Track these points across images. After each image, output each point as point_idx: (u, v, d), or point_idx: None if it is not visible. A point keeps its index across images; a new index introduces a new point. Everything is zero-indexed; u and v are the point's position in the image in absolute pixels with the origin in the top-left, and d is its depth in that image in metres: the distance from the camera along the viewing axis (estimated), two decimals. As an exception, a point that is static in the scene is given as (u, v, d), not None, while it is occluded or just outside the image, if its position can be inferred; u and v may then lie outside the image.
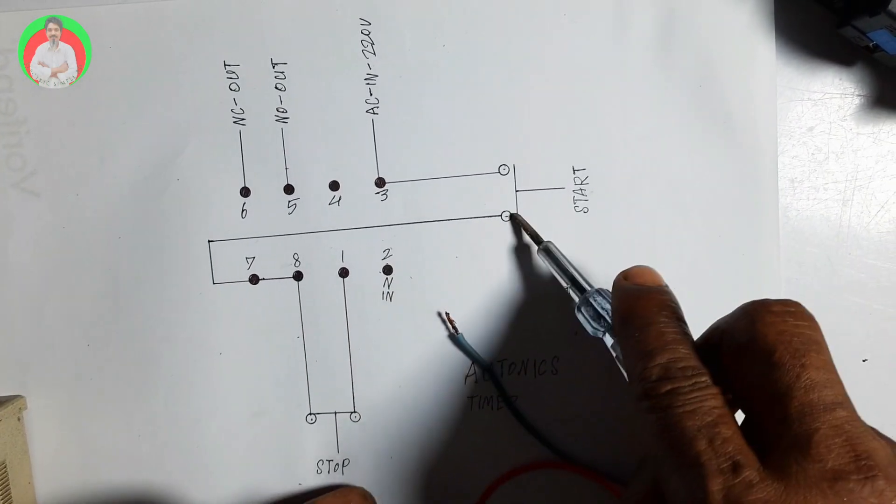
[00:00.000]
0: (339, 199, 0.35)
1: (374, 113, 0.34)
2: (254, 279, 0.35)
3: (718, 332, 0.25)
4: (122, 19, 0.34)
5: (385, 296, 0.35)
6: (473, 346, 0.35)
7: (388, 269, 0.35)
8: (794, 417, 0.21)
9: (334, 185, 0.35)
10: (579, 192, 0.34)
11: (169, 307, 0.35)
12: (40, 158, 0.34)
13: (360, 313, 0.35)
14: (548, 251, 0.33)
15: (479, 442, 0.35)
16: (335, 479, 0.35)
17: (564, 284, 0.32)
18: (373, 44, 0.34)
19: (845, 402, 0.21)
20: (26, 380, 0.35)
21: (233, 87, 0.34)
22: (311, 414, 0.35)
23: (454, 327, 0.35)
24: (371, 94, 0.34)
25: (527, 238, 0.34)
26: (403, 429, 0.35)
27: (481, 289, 0.35)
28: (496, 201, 0.35)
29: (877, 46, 0.31)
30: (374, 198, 0.35)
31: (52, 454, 0.35)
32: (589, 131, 0.34)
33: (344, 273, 0.35)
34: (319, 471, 0.35)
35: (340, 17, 0.34)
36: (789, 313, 0.23)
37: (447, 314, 0.35)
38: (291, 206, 0.35)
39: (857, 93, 0.34)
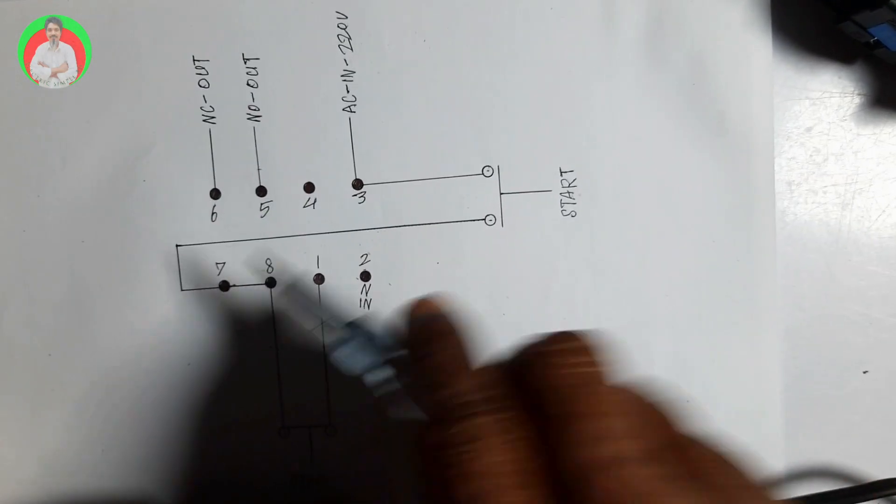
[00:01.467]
0: (315, 201, 0.33)
1: (351, 111, 0.33)
2: (224, 286, 0.33)
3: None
4: (86, 11, 0.32)
5: (363, 303, 0.33)
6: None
7: (365, 275, 0.33)
8: (569, 486, 0.16)
9: (309, 187, 0.33)
10: (567, 194, 0.33)
11: (134, 315, 0.33)
12: (-1, 158, 0.33)
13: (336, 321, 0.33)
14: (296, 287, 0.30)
15: (461, 457, 0.34)
16: (309, 495, 0.34)
17: (313, 325, 0.29)
18: (350, 38, 0.32)
19: (635, 455, 0.16)
20: (-16, 391, 0.33)
21: (202, 83, 0.33)
22: (283, 427, 0.34)
23: (435, 336, 0.33)
24: (348, 92, 0.33)
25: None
26: (382, 443, 0.34)
27: (463, 296, 0.33)
28: (480, 204, 0.33)
29: (877, 42, 0.30)
30: (352, 200, 0.33)
31: (11, 468, 0.34)
32: (577, 131, 0.33)
33: (319, 279, 0.33)
34: (293, 487, 0.34)
35: (315, 9, 0.32)
36: (563, 352, 0.19)
37: (430, 322, 0.33)
38: (264, 208, 0.33)
39: (857, 92, 0.33)
